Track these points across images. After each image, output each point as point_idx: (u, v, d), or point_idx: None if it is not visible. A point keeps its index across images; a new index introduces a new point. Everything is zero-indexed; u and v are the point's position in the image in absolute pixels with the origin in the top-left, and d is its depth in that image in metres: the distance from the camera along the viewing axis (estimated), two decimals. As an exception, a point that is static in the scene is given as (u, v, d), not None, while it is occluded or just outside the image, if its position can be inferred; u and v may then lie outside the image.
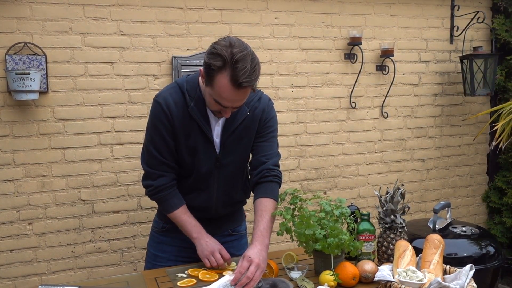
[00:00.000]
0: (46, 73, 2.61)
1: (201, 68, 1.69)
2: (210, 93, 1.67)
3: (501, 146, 2.85)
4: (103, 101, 2.76)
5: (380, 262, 1.81)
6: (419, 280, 1.43)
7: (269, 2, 3.08)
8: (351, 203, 2.04)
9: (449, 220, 2.71)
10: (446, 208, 2.71)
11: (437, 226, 2.60)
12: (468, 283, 1.43)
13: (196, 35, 2.92)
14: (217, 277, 1.72)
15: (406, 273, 1.46)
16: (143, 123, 2.81)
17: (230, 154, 1.86)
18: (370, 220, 1.87)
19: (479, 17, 3.46)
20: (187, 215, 1.86)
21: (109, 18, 2.73)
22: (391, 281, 1.45)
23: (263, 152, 1.90)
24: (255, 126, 1.88)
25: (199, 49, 2.92)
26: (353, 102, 3.36)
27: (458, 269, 1.52)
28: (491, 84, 3.41)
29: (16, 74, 2.44)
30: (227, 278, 1.58)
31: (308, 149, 3.28)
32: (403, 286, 1.40)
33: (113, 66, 2.76)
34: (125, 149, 2.82)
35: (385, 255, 1.80)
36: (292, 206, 1.81)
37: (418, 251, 1.64)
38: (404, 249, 1.58)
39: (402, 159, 3.59)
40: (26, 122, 2.62)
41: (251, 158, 1.94)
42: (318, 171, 3.32)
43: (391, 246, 1.77)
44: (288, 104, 3.19)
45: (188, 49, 2.90)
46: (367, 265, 1.69)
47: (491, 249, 2.47)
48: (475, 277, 1.50)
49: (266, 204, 1.80)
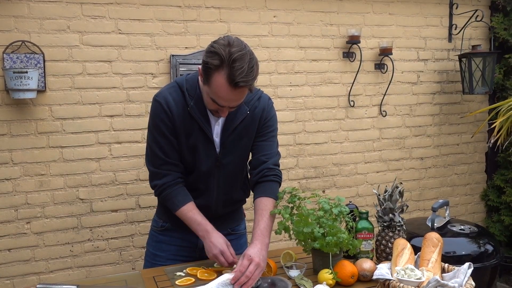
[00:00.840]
0: (44, 72, 2.60)
1: (199, 67, 1.69)
2: (207, 92, 1.67)
3: (499, 143, 2.85)
4: (101, 100, 2.75)
5: (379, 261, 1.81)
6: (418, 279, 1.43)
7: (268, 1, 3.08)
8: (350, 202, 2.04)
9: (448, 219, 2.71)
10: (445, 207, 2.71)
11: (436, 225, 2.60)
12: (467, 281, 1.43)
13: (195, 34, 2.91)
14: (216, 276, 1.71)
15: (405, 272, 1.46)
16: (142, 122, 2.82)
17: (230, 154, 1.86)
18: (369, 219, 1.87)
19: (478, 16, 3.46)
20: (193, 213, 1.81)
21: (107, 17, 2.72)
22: (390, 280, 1.45)
23: (263, 152, 1.89)
24: (255, 126, 1.87)
25: (198, 48, 2.91)
26: (352, 101, 3.36)
27: (457, 268, 1.52)
28: (490, 83, 3.41)
29: (14, 73, 2.44)
30: (226, 277, 1.58)
31: (307, 148, 3.28)
32: (402, 285, 1.40)
33: (111, 65, 2.75)
34: (124, 148, 2.81)
35: (384, 254, 1.80)
36: (291, 205, 1.81)
37: (417, 250, 1.64)
38: (403, 248, 1.58)
39: (401, 158, 3.59)
40: (24, 121, 2.62)
41: (251, 158, 1.93)
42: (317, 170, 3.32)
43: (390, 245, 1.77)
44: (287, 103, 3.19)
45: (187, 48, 2.90)
46: (366, 264, 1.69)
47: (490, 248, 2.47)
48: (474, 275, 1.50)
49: (266, 203, 1.80)
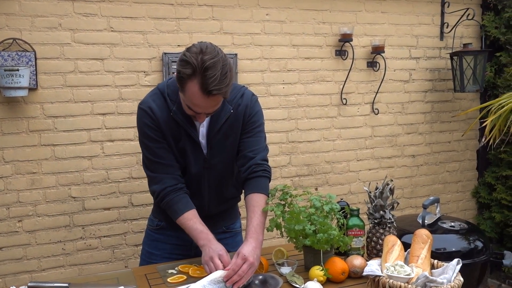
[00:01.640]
0: (36, 70, 2.59)
1: (175, 73, 1.71)
2: (183, 99, 1.69)
3: (492, 143, 2.86)
4: (93, 98, 2.74)
5: (370, 257, 1.82)
6: (407, 275, 1.44)
7: (260, -1, 3.09)
8: (341, 199, 2.06)
9: (438, 216, 2.73)
10: (435, 204, 2.73)
11: (426, 222, 2.62)
12: (455, 277, 1.45)
13: (187, 32, 2.91)
14: (207, 274, 1.72)
15: (394, 268, 1.47)
16: (134, 120, 2.76)
17: (218, 154, 1.87)
18: (360, 216, 1.89)
19: (469, 14, 3.49)
20: (193, 221, 1.77)
21: (99, 14, 2.71)
22: (379, 276, 1.46)
23: (250, 148, 1.89)
24: (240, 123, 1.87)
25: (190, 46, 2.91)
26: (344, 99, 3.38)
27: (446, 264, 1.54)
28: (481, 81, 3.43)
29: (5, 71, 2.42)
30: (219, 274, 1.59)
31: (300, 146, 3.29)
32: (391, 281, 1.42)
33: (103, 63, 2.75)
34: (116, 146, 2.81)
35: (374, 250, 1.81)
36: (283, 202, 1.82)
37: (407, 246, 1.65)
38: (393, 244, 1.60)
39: (393, 155, 3.61)
40: (16, 119, 2.61)
41: (239, 155, 1.92)
42: (310, 168, 3.34)
43: (380, 241, 1.79)
44: (280, 101, 3.20)
45: (179, 46, 2.89)
46: (356, 260, 1.70)
47: (479, 244, 2.49)
48: (464, 272, 1.52)
49: (257, 200, 1.80)
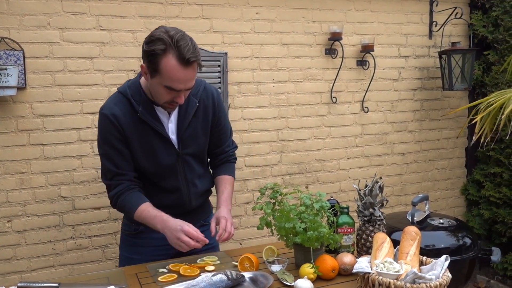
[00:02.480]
0: (24, 69, 2.57)
1: (142, 64, 1.72)
2: (160, 82, 1.68)
3: (483, 142, 2.88)
4: (83, 97, 2.73)
5: (360, 255, 1.83)
6: (396, 271, 1.45)
7: (250, -3, 3.09)
8: (331, 197, 2.07)
9: (427, 213, 2.76)
10: (425, 201, 2.76)
11: (416, 219, 2.65)
12: (443, 273, 1.47)
13: (177, 30, 2.90)
14: (198, 272, 1.73)
15: (384, 265, 1.49)
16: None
17: (190, 147, 1.90)
18: (350, 213, 1.90)
19: (457, 13, 3.52)
20: (147, 210, 1.81)
21: (88, 13, 2.70)
22: (369, 273, 1.47)
23: (222, 138, 2.03)
24: (209, 116, 1.92)
25: (180, 44, 2.91)
26: (334, 97, 3.39)
27: (434, 260, 1.55)
28: (469, 79, 3.47)
29: (-7, 70, 2.40)
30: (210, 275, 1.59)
31: (290, 144, 3.30)
32: (381, 277, 1.43)
33: (93, 62, 2.73)
34: (106, 145, 2.80)
35: (364, 248, 1.83)
36: (273, 200, 1.83)
37: (397, 243, 1.67)
38: (382, 241, 1.61)
39: (383, 153, 3.63)
40: (4, 119, 2.58)
41: (211, 145, 2.01)
42: (300, 166, 3.35)
43: (370, 239, 1.80)
44: (270, 99, 3.20)
45: (169, 44, 2.88)
46: (346, 258, 1.72)
47: (468, 241, 2.52)
48: (452, 268, 1.54)
49: (228, 178, 2.03)
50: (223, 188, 1.99)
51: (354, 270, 1.53)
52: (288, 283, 1.63)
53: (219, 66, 2.99)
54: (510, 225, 3.53)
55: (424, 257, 1.61)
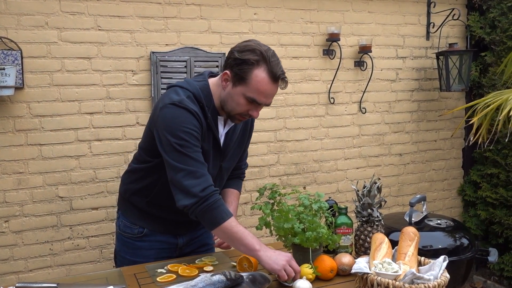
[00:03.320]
0: (22, 69, 2.56)
1: (226, 71, 1.69)
2: (243, 92, 1.67)
3: (480, 142, 2.89)
4: (81, 97, 2.73)
5: (358, 255, 1.84)
6: (395, 272, 1.46)
7: (248, -2, 3.09)
8: (329, 198, 2.07)
9: (425, 213, 2.76)
10: (422, 202, 2.76)
11: (413, 219, 2.65)
12: (442, 274, 1.47)
13: (175, 31, 2.90)
14: (197, 272, 1.73)
15: (382, 265, 1.49)
16: (122, 119, 2.81)
17: (229, 161, 1.93)
18: (348, 214, 1.90)
19: (455, 14, 3.53)
20: (241, 226, 1.67)
21: (86, 13, 2.69)
22: (368, 273, 1.48)
23: (243, 155, 2.06)
24: (247, 132, 1.98)
25: (178, 45, 2.91)
26: (332, 98, 3.40)
27: (432, 261, 1.56)
28: (466, 80, 3.48)
29: (-9, 70, 2.40)
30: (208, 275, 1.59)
31: (288, 145, 3.31)
32: (379, 278, 1.43)
33: (91, 62, 2.73)
34: (104, 145, 2.79)
35: (363, 248, 1.83)
36: (271, 201, 1.83)
37: (395, 244, 1.67)
38: (380, 242, 1.61)
39: (380, 154, 3.64)
40: (2, 118, 2.58)
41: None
42: (298, 166, 3.35)
43: (368, 239, 1.81)
44: (268, 100, 3.20)
45: (167, 45, 2.89)
46: (345, 258, 1.72)
47: (465, 241, 2.52)
48: (450, 268, 1.54)
49: (236, 192, 2.06)
50: (232, 200, 2.01)
51: (353, 271, 1.53)
52: (287, 284, 1.63)
53: (217, 67, 2.99)
54: (507, 226, 3.55)
55: (422, 258, 1.62)
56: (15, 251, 2.66)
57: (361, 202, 1.85)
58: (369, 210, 1.83)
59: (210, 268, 1.78)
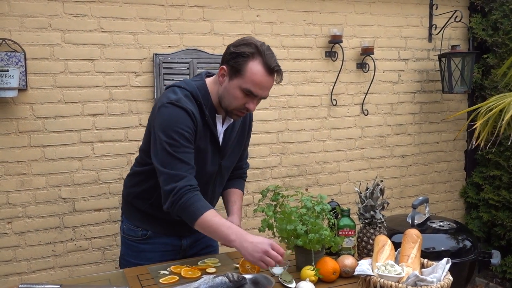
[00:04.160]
0: (25, 70, 2.57)
1: (222, 66, 1.72)
2: (239, 84, 1.69)
3: (482, 146, 2.89)
4: (84, 99, 2.73)
5: (360, 257, 1.84)
6: (398, 274, 1.46)
7: (251, 0, 3.09)
8: (332, 199, 2.07)
9: (427, 215, 2.76)
10: (425, 204, 2.76)
11: (416, 221, 2.65)
12: (445, 276, 1.47)
13: (178, 32, 2.91)
14: (200, 274, 1.73)
15: (385, 267, 1.49)
16: (124, 121, 2.82)
17: (229, 160, 1.94)
18: (351, 216, 1.90)
19: (457, 16, 3.53)
20: (218, 217, 1.66)
21: (90, 15, 2.70)
22: (370, 275, 1.48)
23: (243, 154, 2.06)
24: (246, 131, 1.98)
25: (181, 47, 2.92)
26: (334, 100, 3.40)
27: (435, 263, 1.56)
28: (468, 82, 3.48)
29: (-6, 71, 2.41)
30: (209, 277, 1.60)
31: (290, 146, 3.31)
32: (382, 280, 1.43)
33: (94, 63, 2.74)
34: (106, 147, 2.80)
35: (365, 250, 1.83)
36: (274, 203, 1.83)
37: (398, 246, 1.67)
38: (383, 244, 1.62)
39: (382, 156, 3.64)
40: (5, 120, 2.59)
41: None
42: (300, 168, 3.35)
43: (371, 241, 1.81)
44: (270, 102, 3.21)
45: (170, 47, 2.89)
46: (347, 260, 1.72)
47: (468, 243, 2.52)
48: (452, 271, 1.54)
49: (240, 192, 2.06)
50: (235, 199, 2.01)
51: (356, 273, 1.53)
52: (290, 286, 1.63)
53: (220, 68, 2.99)
54: (509, 228, 3.54)
55: (425, 260, 1.62)
56: (18, 252, 2.67)
57: (364, 204, 1.85)
58: (372, 212, 1.83)
59: (213, 270, 1.78)
